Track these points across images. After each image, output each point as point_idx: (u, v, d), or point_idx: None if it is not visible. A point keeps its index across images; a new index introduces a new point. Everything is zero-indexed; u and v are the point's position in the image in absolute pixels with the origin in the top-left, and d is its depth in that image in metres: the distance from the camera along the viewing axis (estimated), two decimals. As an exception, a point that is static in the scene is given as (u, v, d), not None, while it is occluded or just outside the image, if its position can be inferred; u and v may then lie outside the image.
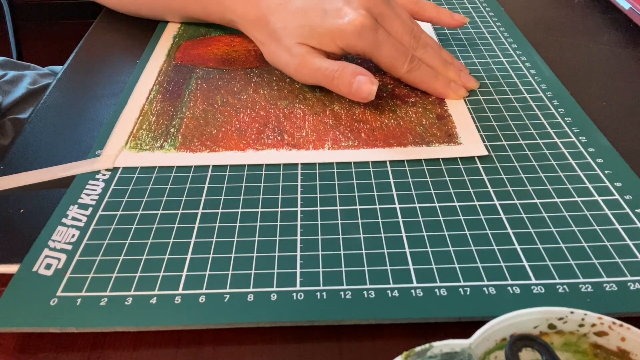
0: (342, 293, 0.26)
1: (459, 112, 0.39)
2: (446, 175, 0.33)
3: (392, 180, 0.33)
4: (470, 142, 0.36)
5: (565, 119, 0.38)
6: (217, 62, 0.46)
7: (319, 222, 0.30)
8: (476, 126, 0.38)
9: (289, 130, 0.37)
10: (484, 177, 0.33)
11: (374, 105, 0.39)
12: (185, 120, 0.39)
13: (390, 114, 0.39)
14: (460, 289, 0.26)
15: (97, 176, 0.34)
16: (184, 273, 0.28)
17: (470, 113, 0.39)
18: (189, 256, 0.29)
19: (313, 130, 0.37)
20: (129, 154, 0.36)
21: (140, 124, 0.39)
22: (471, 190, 0.32)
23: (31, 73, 0.64)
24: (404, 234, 0.29)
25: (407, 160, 0.35)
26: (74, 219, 0.31)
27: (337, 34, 0.38)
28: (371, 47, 0.38)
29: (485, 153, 0.35)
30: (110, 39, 0.51)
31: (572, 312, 0.20)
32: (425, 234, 0.29)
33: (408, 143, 0.36)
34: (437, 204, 0.31)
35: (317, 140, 0.36)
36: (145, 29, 0.52)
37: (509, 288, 0.26)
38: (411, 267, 0.27)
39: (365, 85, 0.37)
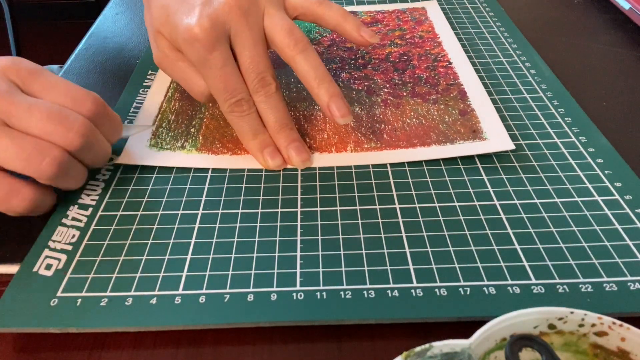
0: (342, 293, 0.26)
1: (482, 106, 0.39)
2: (446, 175, 0.33)
3: (392, 181, 0.33)
4: (495, 137, 0.35)
5: (565, 119, 0.38)
6: None
7: (319, 222, 0.30)
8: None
9: (310, 133, 0.37)
10: (484, 177, 0.33)
11: (395, 105, 0.39)
12: (205, 120, 0.38)
13: (412, 113, 0.38)
14: (460, 289, 0.26)
15: (97, 176, 0.34)
16: (184, 273, 0.28)
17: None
18: (189, 256, 0.29)
19: (334, 133, 0.37)
20: (150, 152, 0.35)
21: (160, 122, 0.38)
22: (471, 190, 0.32)
23: None
24: (404, 234, 0.29)
25: (408, 161, 0.34)
26: (74, 219, 0.31)
27: (175, 32, 0.33)
28: (198, 64, 0.32)
29: (513, 147, 0.34)
30: (110, 39, 0.51)
31: (572, 312, 0.20)
32: (425, 234, 0.29)
33: (432, 142, 0.36)
34: (437, 204, 0.31)
35: (339, 143, 0.36)
36: (146, 30, 0.52)
37: (509, 288, 0.26)
38: (411, 267, 0.27)
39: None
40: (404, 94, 0.40)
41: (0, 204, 0.29)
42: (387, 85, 0.41)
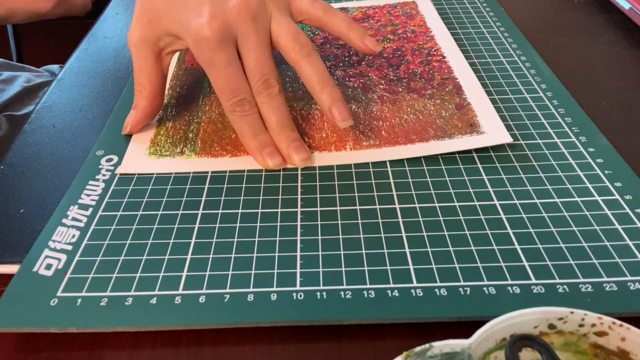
0: (342, 293, 0.26)
1: (478, 99, 0.39)
2: (446, 175, 0.33)
3: (392, 181, 0.33)
4: (493, 130, 0.36)
5: (565, 119, 0.38)
6: None
7: (319, 222, 0.30)
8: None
9: (308, 132, 0.37)
10: (484, 177, 0.33)
11: (391, 102, 0.39)
12: (202, 124, 0.38)
13: (409, 109, 0.38)
14: (460, 289, 0.26)
15: (97, 177, 0.34)
16: (184, 273, 0.28)
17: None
18: (189, 256, 0.29)
19: (333, 131, 0.37)
20: (150, 160, 0.35)
21: (158, 129, 0.38)
22: (471, 190, 0.32)
23: (26, 74, 0.64)
24: (404, 234, 0.29)
25: (407, 161, 0.34)
26: (74, 219, 0.31)
27: (179, 26, 0.34)
28: (203, 61, 0.34)
29: (511, 140, 0.34)
30: (110, 39, 0.51)
31: (572, 312, 0.20)
32: (425, 234, 0.29)
33: (430, 137, 0.36)
34: (437, 204, 0.31)
35: (338, 142, 0.36)
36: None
37: (509, 288, 0.26)
38: (411, 267, 0.27)
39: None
40: (400, 89, 0.40)
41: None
42: (383, 82, 0.41)
